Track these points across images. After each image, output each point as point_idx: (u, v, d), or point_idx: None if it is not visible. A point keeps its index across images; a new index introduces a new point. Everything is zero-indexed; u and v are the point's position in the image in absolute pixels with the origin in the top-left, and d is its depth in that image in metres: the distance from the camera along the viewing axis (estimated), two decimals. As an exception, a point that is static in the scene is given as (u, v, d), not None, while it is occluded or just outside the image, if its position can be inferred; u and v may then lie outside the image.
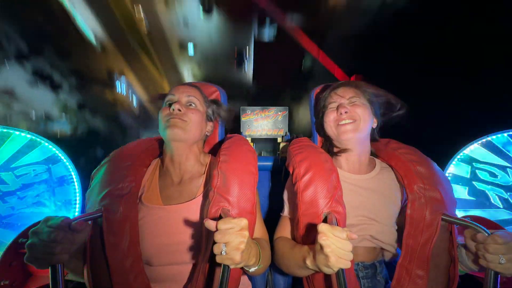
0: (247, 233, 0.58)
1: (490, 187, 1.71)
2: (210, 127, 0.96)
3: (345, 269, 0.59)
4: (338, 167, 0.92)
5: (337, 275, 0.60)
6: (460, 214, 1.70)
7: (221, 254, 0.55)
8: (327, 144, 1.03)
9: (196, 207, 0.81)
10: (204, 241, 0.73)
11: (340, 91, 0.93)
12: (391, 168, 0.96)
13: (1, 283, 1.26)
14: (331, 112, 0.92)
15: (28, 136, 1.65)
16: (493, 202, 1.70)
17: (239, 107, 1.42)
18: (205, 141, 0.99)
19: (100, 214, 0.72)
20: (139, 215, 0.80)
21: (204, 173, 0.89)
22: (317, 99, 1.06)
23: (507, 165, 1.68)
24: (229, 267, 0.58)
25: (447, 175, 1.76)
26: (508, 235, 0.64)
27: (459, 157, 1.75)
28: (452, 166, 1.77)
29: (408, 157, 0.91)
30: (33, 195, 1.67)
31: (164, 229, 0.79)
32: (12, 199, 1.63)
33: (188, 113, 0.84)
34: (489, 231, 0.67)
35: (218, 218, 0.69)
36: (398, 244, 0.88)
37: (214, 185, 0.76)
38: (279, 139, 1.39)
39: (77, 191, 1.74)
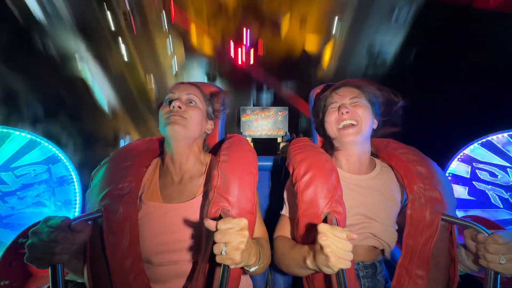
0: (247, 233, 0.58)
1: (490, 187, 1.71)
2: (210, 125, 0.96)
3: (345, 269, 0.59)
4: (338, 167, 0.92)
5: (337, 275, 0.60)
6: (460, 214, 1.70)
7: (221, 254, 0.55)
8: (327, 144, 1.02)
9: (196, 207, 0.81)
10: (204, 241, 0.73)
11: (341, 91, 0.93)
12: (391, 168, 0.96)
13: (1, 283, 1.26)
14: (332, 112, 0.92)
15: (28, 136, 1.65)
16: (493, 202, 1.71)
17: (239, 107, 1.42)
18: (205, 139, 0.99)
19: (100, 214, 0.72)
20: (139, 214, 0.80)
21: (204, 172, 0.89)
22: (317, 99, 1.06)
23: (507, 165, 1.68)
24: (229, 267, 0.58)
25: (447, 175, 1.76)
26: (508, 235, 0.64)
27: (459, 157, 1.76)
28: (452, 166, 1.77)
29: (408, 157, 0.91)
30: (33, 195, 1.67)
31: (164, 227, 0.79)
32: (12, 199, 1.63)
33: (188, 111, 0.85)
34: (489, 231, 0.67)
35: (218, 218, 0.69)
36: (398, 244, 0.88)
37: (214, 185, 0.76)
38: (279, 139, 1.39)
39: (77, 191, 1.74)
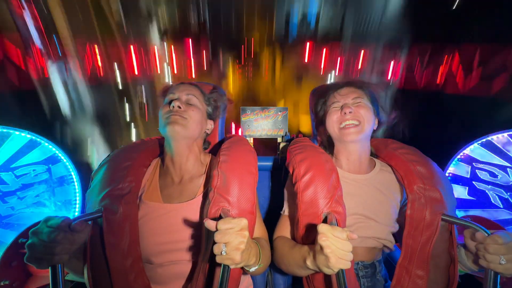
0: (247, 233, 0.58)
1: (490, 187, 1.71)
2: (210, 125, 0.96)
3: (345, 269, 0.59)
4: (338, 167, 0.92)
5: (337, 276, 0.60)
6: (460, 214, 1.70)
7: (221, 254, 0.55)
8: (325, 143, 1.02)
9: (196, 207, 0.81)
10: (204, 241, 0.73)
11: (344, 91, 0.93)
12: (391, 168, 0.96)
13: (1, 283, 1.26)
14: (334, 112, 0.92)
15: (28, 136, 1.65)
16: (493, 202, 1.70)
17: (239, 107, 1.42)
18: (205, 139, 0.99)
19: (100, 214, 0.72)
20: (140, 214, 0.80)
21: (204, 172, 0.89)
22: (317, 98, 1.06)
23: (507, 165, 1.68)
24: (229, 267, 0.58)
25: (447, 175, 1.76)
26: (508, 236, 0.64)
27: (459, 157, 1.75)
28: (452, 166, 1.77)
29: (408, 157, 0.91)
30: (33, 195, 1.67)
31: (164, 227, 0.79)
32: (12, 199, 1.63)
33: (188, 111, 0.85)
34: (489, 231, 0.67)
35: (218, 218, 0.69)
36: (398, 244, 0.88)
37: (214, 185, 0.76)
38: (279, 139, 1.38)
39: (77, 191, 1.74)
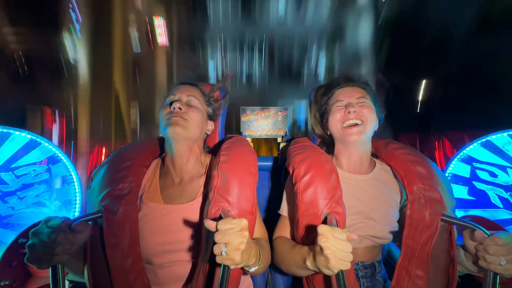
0: (247, 234, 0.58)
1: (490, 187, 1.71)
2: (210, 126, 0.96)
3: (345, 270, 0.59)
4: (338, 167, 0.92)
5: (337, 276, 0.60)
6: (460, 214, 1.70)
7: (221, 254, 0.55)
8: (324, 143, 1.02)
9: (196, 208, 0.81)
10: (204, 241, 0.73)
11: (347, 90, 0.92)
12: (391, 168, 0.96)
13: (1, 283, 1.26)
14: (337, 110, 0.91)
15: (28, 136, 1.65)
16: (493, 202, 1.70)
17: (239, 107, 1.42)
18: (205, 140, 0.99)
19: (100, 214, 0.72)
20: (140, 214, 0.80)
21: (204, 173, 0.89)
22: (319, 96, 1.05)
23: (507, 165, 1.68)
24: (229, 267, 0.58)
25: (447, 175, 1.76)
26: (508, 237, 0.64)
27: (459, 157, 1.75)
28: (452, 166, 1.77)
29: (408, 157, 0.90)
30: (33, 195, 1.67)
31: (164, 227, 0.79)
32: (12, 199, 1.63)
33: (189, 112, 0.85)
34: (488, 232, 0.67)
35: (218, 218, 0.69)
36: (397, 244, 0.88)
37: (214, 186, 0.76)
38: (279, 139, 1.39)
39: (77, 191, 1.74)
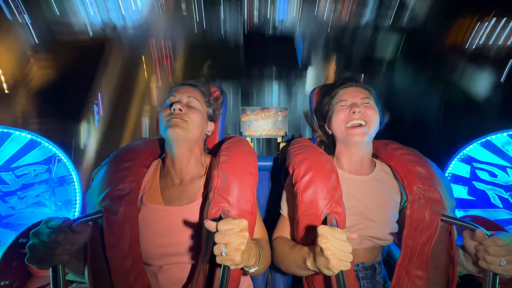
0: (247, 234, 0.58)
1: (490, 187, 1.71)
2: (210, 127, 0.96)
3: (345, 270, 0.59)
4: (339, 167, 0.92)
5: (337, 277, 0.60)
6: (460, 214, 1.70)
7: (221, 255, 0.55)
8: (324, 143, 1.02)
9: (196, 209, 0.81)
10: (204, 241, 0.73)
11: (351, 90, 0.92)
12: (391, 168, 0.96)
13: (1, 283, 1.26)
14: (341, 110, 0.90)
15: (28, 136, 1.65)
16: (493, 202, 1.70)
17: (239, 107, 1.42)
18: (205, 141, 0.99)
19: (100, 214, 0.72)
20: (140, 215, 0.80)
21: (204, 174, 0.89)
22: (322, 96, 1.04)
23: (507, 165, 1.68)
24: (229, 267, 0.58)
25: (447, 175, 1.76)
26: (508, 237, 0.64)
27: (459, 157, 1.75)
28: (451, 166, 1.77)
29: (407, 157, 0.91)
30: (33, 195, 1.67)
31: (164, 229, 0.79)
32: (12, 199, 1.63)
33: (189, 113, 0.85)
34: (488, 233, 0.67)
35: (218, 218, 0.69)
36: (397, 244, 0.88)
37: (214, 186, 0.76)
38: (279, 139, 1.38)
39: (77, 191, 1.74)
